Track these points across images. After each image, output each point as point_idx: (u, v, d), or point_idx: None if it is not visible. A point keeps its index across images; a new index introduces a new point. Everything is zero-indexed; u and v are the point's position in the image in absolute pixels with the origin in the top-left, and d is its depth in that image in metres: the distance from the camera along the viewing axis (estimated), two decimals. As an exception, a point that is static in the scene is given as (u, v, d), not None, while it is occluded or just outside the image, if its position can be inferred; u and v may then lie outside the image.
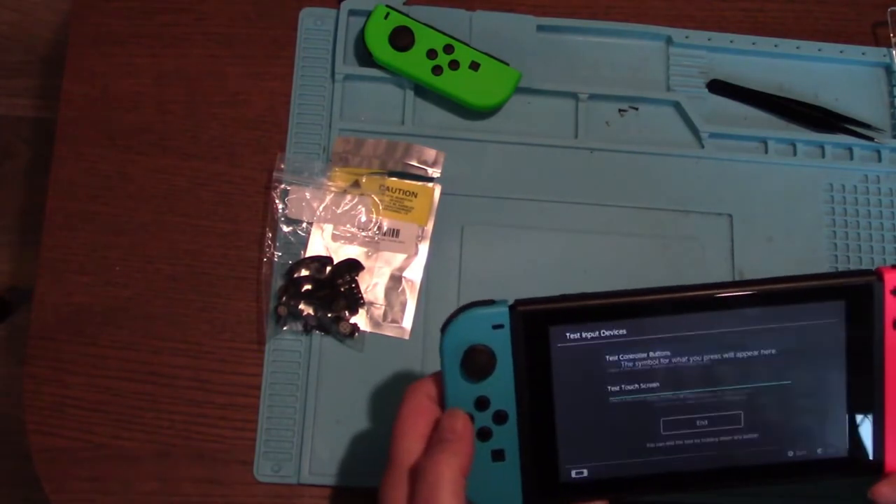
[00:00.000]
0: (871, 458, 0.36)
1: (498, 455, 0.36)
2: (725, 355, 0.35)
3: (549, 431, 0.36)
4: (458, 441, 0.35)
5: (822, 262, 0.55)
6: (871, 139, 0.57)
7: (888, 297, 0.34)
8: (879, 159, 0.57)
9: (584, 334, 0.35)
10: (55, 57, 1.15)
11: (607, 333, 0.35)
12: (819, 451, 0.36)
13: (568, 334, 0.35)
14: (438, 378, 0.37)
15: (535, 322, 0.35)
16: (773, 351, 0.35)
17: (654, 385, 0.35)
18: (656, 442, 0.36)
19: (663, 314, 0.35)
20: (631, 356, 0.35)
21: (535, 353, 0.35)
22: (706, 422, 0.36)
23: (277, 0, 0.58)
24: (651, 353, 0.35)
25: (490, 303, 0.36)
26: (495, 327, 0.35)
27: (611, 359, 0.35)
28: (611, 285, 0.53)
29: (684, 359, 0.35)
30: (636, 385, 0.35)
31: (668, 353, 0.35)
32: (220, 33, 0.57)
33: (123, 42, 0.57)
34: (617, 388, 0.35)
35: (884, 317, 0.34)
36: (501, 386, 0.35)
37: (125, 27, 0.57)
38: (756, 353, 0.35)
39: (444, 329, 0.35)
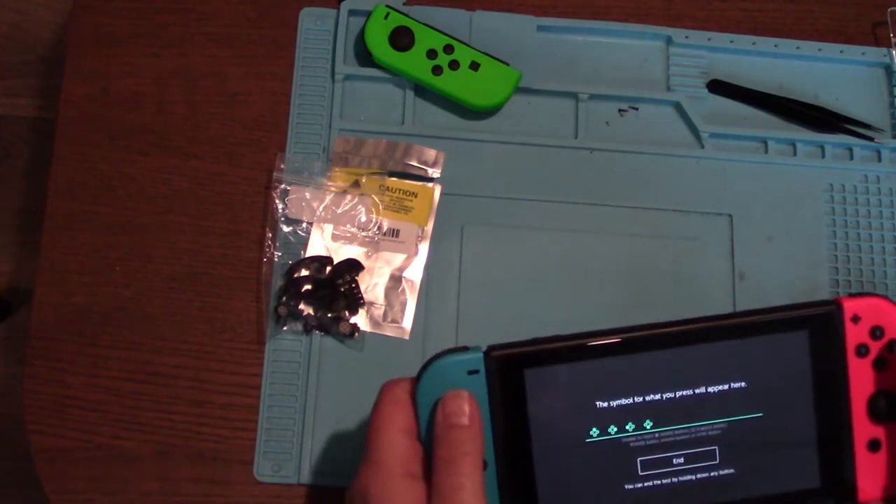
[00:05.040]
0: (843, 486, 0.36)
1: None
2: (697, 391, 0.35)
3: (528, 477, 0.35)
4: (471, 425, 0.33)
5: (822, 262, 0.55)
6: (871, 139, 0.57)
7: (848, 325, 0.35)
8: (879, 159, 0.57)
9: (558, 376, 0.35)
10: (55, 57, 1.15)
11: (581, 376, 0.35)
12: (793, 482, 0.36)
13: (543, 377, 0.35)
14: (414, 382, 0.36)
15: (510, 366, 0.35)
16: (744, 384, 0.35)
17: (630, 424, 0.35)
18: (634, 483, 0.36)
19: (634, 352, 0.35)
20: (605, 397, 0.35)
21: (511, 398, 0.35)
22: (682, 459, 0.36)
23: (277, 0, 0.58)
24: (625, 392, 0.35)
25: (464, 349, 0.35)
26: (470, 373, 0.35)
27: (586, 400, 0.35)
28: (610, 286, 0.54)
29: (657, 396, 0.35)
30: (612, 426, 0.35)
31: (642, 391, 0.35)
32: (220, 33, 0.57)
33: (123, 42, 0.57)
34: (593, 431, 0.35)
35: (845, 345, 0.35)
36: None
37: (125, 27, 0.57)
38: (727, 386, 0.35)
39: (418, 377, 0.35)
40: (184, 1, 0.58)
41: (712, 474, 0.36)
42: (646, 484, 0.36)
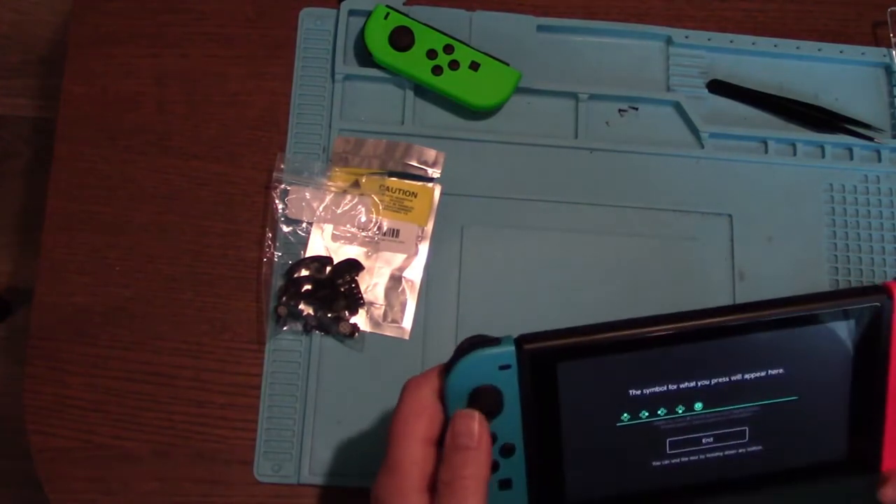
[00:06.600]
0: (869, 462, 0.36)
1: (505, 484, 0.36)
2: (733, 378, 0.35)
3: (556, 459, 0.35)
4: (477, 447, 0.33)
5: (822, 262, 0.55)
6: (871, 139, 0.57)
7: None
8: (879, 159, 0.57)
9: (592, 368, 0.34)
10: (55, 57, 1.15)
11: (615, 366, 0.34)
12: (820, 457, 0.36)
13: (576, 369, 0.34)
14: (442, 372, 0.35)
15: (544, 360, 0.34)
16: (781, 370, 0.35)
17: (662, 410, 0.35)
18: (662, 460, 0.36)
19: (672, 344, 0.34)
20: (639, 386, 0.35)
21: (543, 390, 0.34)
22: (711, 439, 0.36)
23: (277, 0, 0.58)
24: (659, 381, 0.35)
25: (494, 340, 0.34)
26: (502, 367, 0.34)
27: (618, 389, 0.35)
28: (610, 285, 0.54)
29: (692, 384, 0.35)
30: (644, 412, 0.35)
31: (676, 379, 0.35)
32: (220, 33, 0.57)
33: (123, 42, 0.57)
34: (624, 416, 0.35)
35: (892, 332, 0.35)
36: (509, 422, 0.35)
37: (125, 27, 0.57)
38: (764, 373, 0.35)
39: (448, 369, 0.34)
40: (184, 1, 0.58)
41: (739, 451, 0.36)
42: (673, 461, 0.36)
